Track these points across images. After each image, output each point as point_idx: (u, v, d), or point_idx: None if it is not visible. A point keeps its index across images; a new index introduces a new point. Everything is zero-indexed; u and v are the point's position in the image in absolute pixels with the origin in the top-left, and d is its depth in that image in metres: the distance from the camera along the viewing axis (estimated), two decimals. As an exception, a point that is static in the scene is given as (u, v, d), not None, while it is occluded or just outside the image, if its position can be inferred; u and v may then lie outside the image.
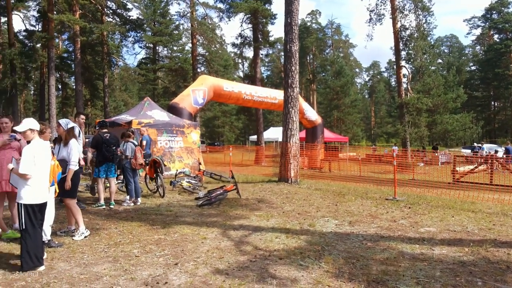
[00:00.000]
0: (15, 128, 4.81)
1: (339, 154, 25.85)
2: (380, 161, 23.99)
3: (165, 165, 11.30)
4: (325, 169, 20.38)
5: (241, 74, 70.62)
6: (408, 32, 28.19)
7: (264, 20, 31.43)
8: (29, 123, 4.70)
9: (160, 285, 4.22)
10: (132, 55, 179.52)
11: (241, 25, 33.21)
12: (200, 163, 14.11)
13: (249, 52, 73.08)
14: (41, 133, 5.08)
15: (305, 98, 53.06)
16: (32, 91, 56.44)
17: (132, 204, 8.94)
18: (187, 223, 7.15)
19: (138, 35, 41.21)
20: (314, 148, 21.81)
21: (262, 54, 34.99)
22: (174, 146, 14.53)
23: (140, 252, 5.39)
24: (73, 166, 5.96)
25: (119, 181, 10.67)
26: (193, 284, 4.27)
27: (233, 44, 35.46)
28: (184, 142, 14.83)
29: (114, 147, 8.51)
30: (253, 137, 39.91)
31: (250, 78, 37.55)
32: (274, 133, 38.90)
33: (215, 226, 6.98)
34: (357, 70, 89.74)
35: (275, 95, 21.42)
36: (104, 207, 8.46)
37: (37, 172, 4.61)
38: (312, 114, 23.39)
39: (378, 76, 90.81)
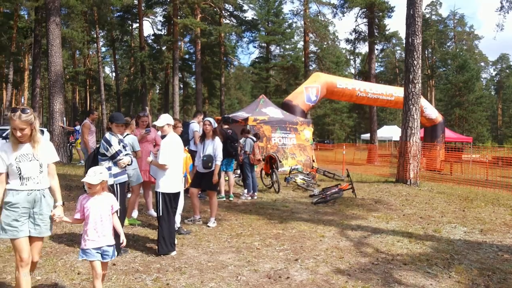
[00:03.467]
0: (154, 123, 5.27)
1: (462, 155, 23.72)
2: (509, 165, 21.44)
3: (280, 162, 11.47)
4: (445, 171, 18.88)
5: (352, 70, 68.93)
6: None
7: (380, 13, 30.24)
8: (166, 119, 5.10)
9: (282, 279, 4.27)
10: (247, 54, 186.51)
11: (356, 20, 32.67)
12: (313, 161, 14.06)
13: (362, 48, 70.67)
14: (174, 127, 5.49)
15: (423, 95, 49.84)
16: (158, 90, 61.67)
17: (250, 198, 9.25)
18: (303, 220, 7.16)
19: (252, 35, 42.60)
20: (434, 149, 20.32)
21: (377, 49, 33.72)
22: (287, 143, 14.70)
23: (260, 244, 5.53)
24: (219, 162, 6.40)
25: (236, 175, 11.11)
26: (315, 281, 4.24)
27: (347, 40, 34.83)
28: (297, 139, 14.92)
29: (236, 144, 8.85)
30: (365, 136, 38.68)
31: (364, 75, 36.44)
32: (388, 132, 37.24)
33: (332, 224, 6.88)
34: (482, 64, 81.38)
35: (391, 92, 20.46)
36: (224, 199, 8.88)
37: (173, 163, 5.00)
38: (432, 112, 21.82)
39: (507, 70, 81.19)
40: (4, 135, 13.57)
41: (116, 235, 3.58)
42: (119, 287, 3.94)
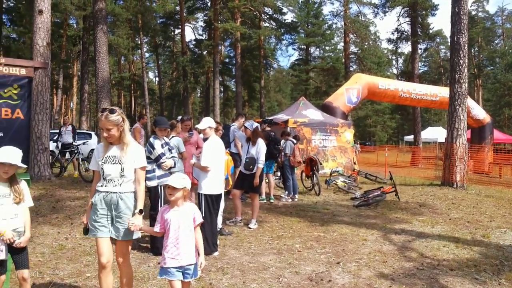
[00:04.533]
0: (197, 125, 5.40)
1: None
2: None
3: (321, 164, 11.39)
4: (494, 174, 18.06)
5: (395, 71, 67.24)
6: None
7: (423, 12, 29.39)
8: (208, 122, 5.22)
9: (324, 282, 4.26)
10: (286, 57, 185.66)
11: (398, 19, 31.77)
12: (354, 163, 13.86)
13: (405, 48, 68.85)
14: (215, 130, 5.60)
15: (469, 95, 47.96)
16: (199, 94, 62.78)
17: (290, 200, 9.25)
18: (345, 223, 7.09)
19: (292, 37, 42.56)
20: (482, 150, 19.49)
21: (420, 49, 32.78)
22: (328, 145, 14.57)
23: (302, 247, 5.53)
24: (261, 165, 6.46)
25: (277, 177, 11.13)
26: (358, 285, 4.20)
27: (389, 40, 34.13)
28: (338, 141, 14.76)
29: (278, 146, 8.85)
30: (408, 137, 37.65)
31: (407, 75, 35.58)
32: (432, 133, 36.08)
33: (374, 228, 6.77)
34: (534, 61, 77.08)
35: (435, 92, 19.81)
36: (265, 201, 8.93)
37: (215, 165, 5.10)
38: (480, 112, 20.94)
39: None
40: (54, 138, 14.23)
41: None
42: (164, 286, 4.06)
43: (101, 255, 3.20)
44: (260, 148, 6.45)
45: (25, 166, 3.47)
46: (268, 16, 38.35)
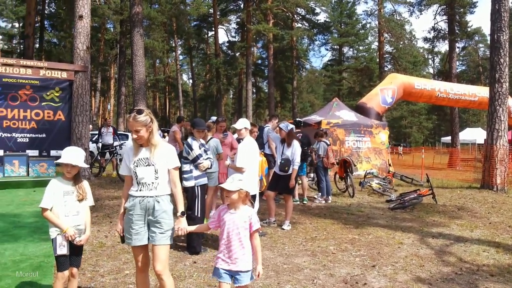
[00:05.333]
0: (233, 125, 5.47)
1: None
2: None
3: (355, 165, 11.27)
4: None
5: (431, 70, 65.52)
6: None
7: (461, 10, 28.49)
8: (244, 123, 5.29)
9: (359, 285, 4.22)
10: (319, 57, 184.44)
11: (435, 18, 30.90)
12: (389, 165, 13.62)
13: (442, 46, 66.99)
14: (250, 132, 5.66)
15: (510, 95, 46.08)
16: (231, 95, 63.29)
17: (323, 201, 9.21)
18: (380, 226, 6.99)
19: (324, 37, 42.25)
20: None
21: (458, 48, 31.82)
22: (362, 146, 14.38)
23: (336, 249, 5.50)
24: (297, 166, 6.47)
25: (310, 178, 11.09)
26: (394, 288, 4.15)
27: (425, 39, 33.22)
28: (372, 143, 14.54)
29: (306, 147, 8.82)
30: (446, 139, 36.62)
31: (444, 74, 34.64)
32: (471, 134, 34.93)
33: (411, 231, 6.64)
34: None
35: (474, 92, 19.19)
36: (298, 202, 8.92)
37: (249, 166, 5.16)
38: (522, 113, 20.13)
39: None
40: (93, 139, 14.71)
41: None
42: (200, 284, 4.14)
43: (136, 261, 3.15)
44: (295, 150, 6.46)
45: (87, 166, 3.64)
46: (300, 17, 38.23)
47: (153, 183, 3.09)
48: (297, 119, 10.78)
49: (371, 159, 14.37)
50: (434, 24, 31.73)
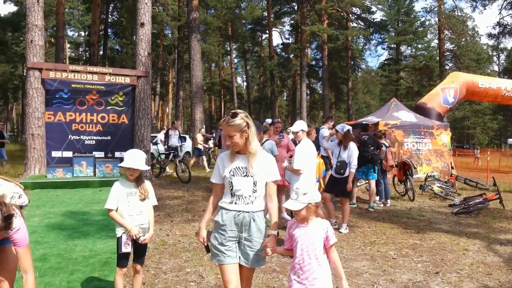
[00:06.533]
0: (290, 128, 5.50)
1: None
2: None
3: (415, 168, 10.89)
4: None
5: (496, 68, 61.74)
6: None
7: (531, 2, 26.70)
8: (301, 125, 5.30)
9: (422, 292, 4.10)
10: (375, 57, 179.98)
11: (500, 12, 29.21)
12: (452, 167, 13.03)
13: (508, 43, 63.07)
14: (308, 134, 5.65)
15: None
16: (285, 97, 63.35)
17: (382, 205, 8.98)
18: (443, 231, 6.71)
19: (381, 36, 41.25)
20: None
21: (527, 43, 29.80)
22: (422, 148, 13.86)
23: (396, 254, 5.36)
24: (353, 169, 6.36)
25: (366, 181, 10.84)
26: (460, 297, 3.98)
27: (489, 35, 31.64)
28: (433, 144, 13.97)
29: (372, 148, 8.51)
30: (513, 140, 34.44)
31: (510, 72, 32.49)
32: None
33: (476, 237, 6.32)
34: None
35: (546, 90, 17.87)
36: (355, 205, 8.76)
37: (307, 168, 5.16)
38: None
39: None
40: (153, 141, 15.31)
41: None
42: (258, 285, 4.20)
43: (228, 283, 2.73)
44: (352, 152, 6.33)
45: (148, 167, 3.80)
46: (356, 16, 37.56)
47: (250, 196, 2.76)
48: (363, 122, 10.43)
49: (432, 161, 13.81)
50: (500, 19, 30.04)
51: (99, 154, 11.66)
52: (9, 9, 52.90)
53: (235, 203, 2.78)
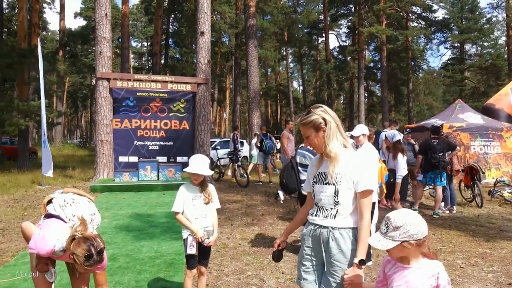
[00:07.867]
0: (350, 133, 5.44)
1: None
2: None
3: (483, 173, 10.34)
4: None
5: None
6: None
7: None
8: (362, 129, 5.22)
9: (494, 303, 3.90)
10: (437, 57, 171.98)
11: None
12: (525, 172, 12.19)
13: None
14: (369, 138, 5.56)
15: None
16: (342, 100, 62.38)
17: (448, 211, 8.61)
18: (516, 240, 6.33)
19: (443, 35, 39.50)
20: None
21: None
22: (490, 152, 13.11)
23: (464, 263, 5.13)
24: (399, 180, 6.46)
25: (431, 187, 10.43)
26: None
27: None
28: (502, 148, 13.17)
29: (442, 153, 8.08)
30: None
31: None
32: None
33: (554, 248, 5.90)
34: None
35: None
36: (417, 211, 8.46)
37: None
38: None
39: None
40: (212, 146, 15.72)
41: None
42: None
43: None
44: (398, 164, 6.49)
45: (212, 172, 3.92)
46: (416, 16, 36.27)
47: (331, 208, 2.29)
48: (435, 124, 9.91)
49: (501, 165, 13.02)
50: None
51: (162, 159, 12.16)
52: (79, 23, 56.51)
53: (316, 215, 2.38)
